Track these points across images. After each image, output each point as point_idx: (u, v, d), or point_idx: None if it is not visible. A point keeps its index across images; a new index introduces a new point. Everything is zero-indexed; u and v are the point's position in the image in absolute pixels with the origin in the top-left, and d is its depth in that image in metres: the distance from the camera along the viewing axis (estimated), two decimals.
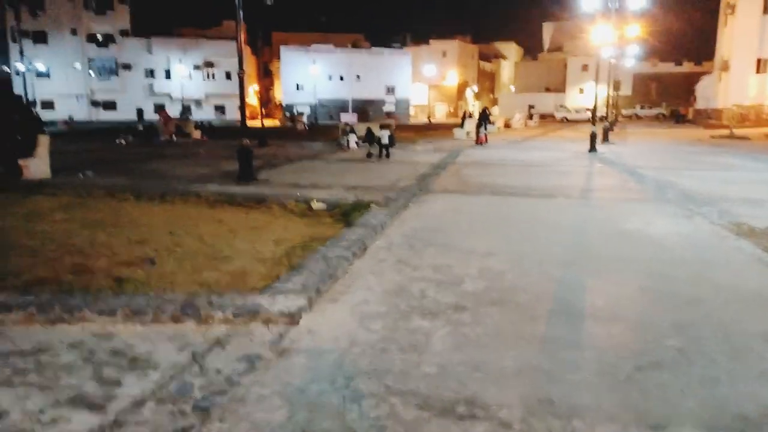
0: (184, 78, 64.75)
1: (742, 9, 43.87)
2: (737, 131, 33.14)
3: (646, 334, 4.25)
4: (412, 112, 70.96)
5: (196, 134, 31.23)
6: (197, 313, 4.26)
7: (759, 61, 43.23)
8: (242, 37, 13.10)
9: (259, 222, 8.08)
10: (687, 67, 72.45)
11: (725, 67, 45.71)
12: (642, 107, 70.26)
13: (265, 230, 7.52)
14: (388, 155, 18.56)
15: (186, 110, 56.57)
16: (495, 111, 63.17)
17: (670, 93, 70.18)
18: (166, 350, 3.87)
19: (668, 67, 74.55)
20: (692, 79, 61.84)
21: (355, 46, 76.30)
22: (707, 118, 46.36)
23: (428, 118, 64.20)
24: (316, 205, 9.17)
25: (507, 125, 43.26)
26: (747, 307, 4.80)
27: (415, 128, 43.49)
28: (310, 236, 7.15)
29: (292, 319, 4.28)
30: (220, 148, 22.37)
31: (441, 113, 78.03)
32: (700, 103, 54.24)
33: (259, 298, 4.58)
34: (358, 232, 7.15)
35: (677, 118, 55.17)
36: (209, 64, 65.97)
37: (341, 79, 68.89)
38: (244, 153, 12.72)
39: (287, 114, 63.03)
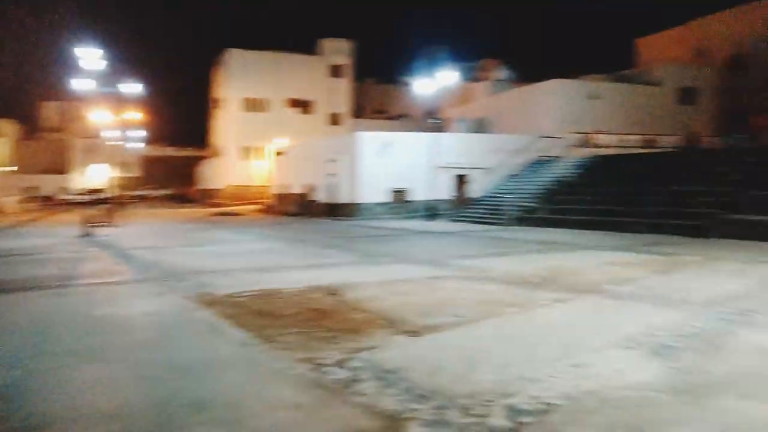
0: None
1: (225, 105, 51.08)
2: (233, 209, 37.83)
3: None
4: None
5: None
6: None
7: (243, 149, 50.75)
8: None
9: None
10: (190, 151, 78.91)
11: (218, 152, 51.88)
12: (152, 189, 72.49)
13: None
14: None
15: None
16: None
17: (176, 175, 74.73)
18: None
19: (175, 151, 79.57)
20: (195, 162, 67.68)
21: None
22: (208, 198, 51.33)
23: None
24: None
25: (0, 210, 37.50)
26: (184, 380, 5.19)
27: None
28: None
29: None
30: None
31: None
32: (202, 184, 59.79)
33: None
34: None
35: (181, 199, 59.44)
36: None
37: None
38: None
39: None
